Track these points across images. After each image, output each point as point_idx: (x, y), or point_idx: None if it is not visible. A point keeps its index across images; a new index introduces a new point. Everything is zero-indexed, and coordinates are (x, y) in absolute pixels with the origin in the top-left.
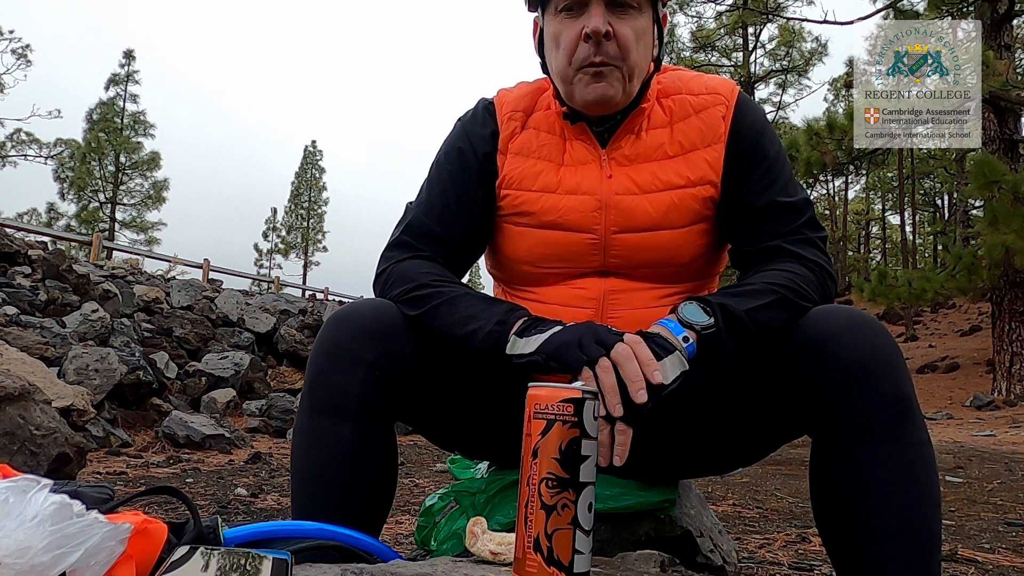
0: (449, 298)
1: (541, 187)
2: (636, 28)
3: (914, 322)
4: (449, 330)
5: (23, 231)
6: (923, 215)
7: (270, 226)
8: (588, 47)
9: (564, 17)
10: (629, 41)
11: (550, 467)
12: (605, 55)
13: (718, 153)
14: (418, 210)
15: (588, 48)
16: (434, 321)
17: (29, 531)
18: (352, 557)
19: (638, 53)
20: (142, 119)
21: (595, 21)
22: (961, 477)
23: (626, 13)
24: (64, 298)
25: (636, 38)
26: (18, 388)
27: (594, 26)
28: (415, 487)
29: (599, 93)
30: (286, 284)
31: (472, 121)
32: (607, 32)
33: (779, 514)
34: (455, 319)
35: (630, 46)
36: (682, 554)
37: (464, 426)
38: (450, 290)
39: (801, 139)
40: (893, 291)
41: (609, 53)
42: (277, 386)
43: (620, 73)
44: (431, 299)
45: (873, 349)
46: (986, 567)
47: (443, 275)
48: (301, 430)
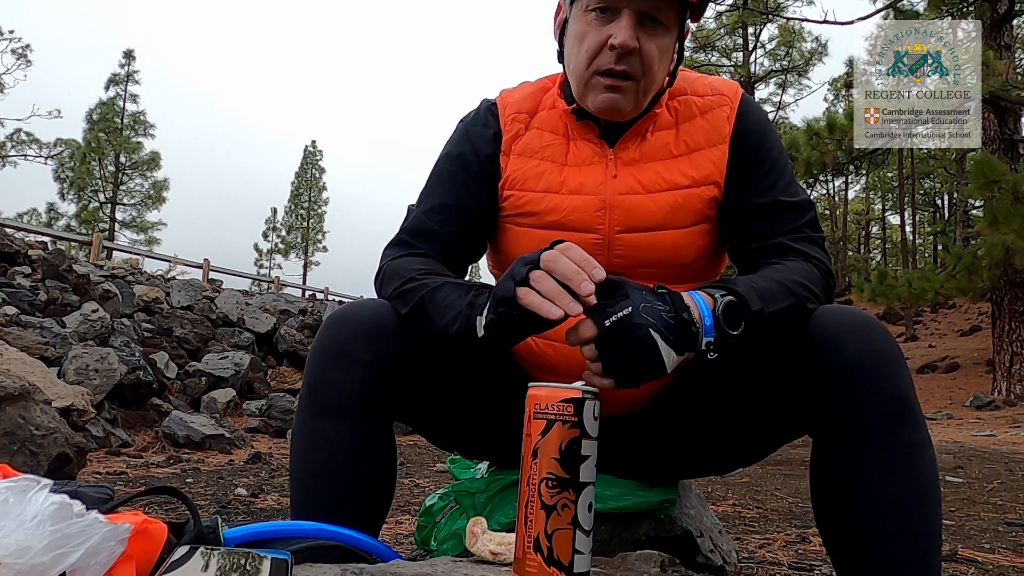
0: (430, 289)
1: (544, 187)
2: (661, 45)
3: (914, 322)
4: (431, 322)
5: (23, 231)
6: (923, 215)
7: (270, 226)
8: (611, 55)
9: (593, 17)
10: (653, 58)
11: (550, 467)
12: (627, 66)
13: (722, 153)
14: (418, 209)
15: (611, 56)
16: (419, 315)
17: (29, 531)
18: (352, 557)
19: (658, 71)
20: (142, 119)
21: (623, 35)
22: (961, 477)
23: (655, 30)
24: (64, 298)
25: (660, 55)
26: (18, 388)
27: (622, 40)
28: (415, 487)
29: (611, 103)
30: (286, 284)
31: (474, 122)
32: (634, 48)
33: (779, 514)
34: (436, 309)
35: (653, 63)
36: (682, 554)
37: (463, 426)
38: (432, 281)
39: (801, 139)
40: (893, 291)
41: (632, 66)
42: (277, 386)
43: (637, 87)
44: (416, 292)
45: (873, 349)
46: (986, 567)
47: (430, 269)
48: (300, 430)
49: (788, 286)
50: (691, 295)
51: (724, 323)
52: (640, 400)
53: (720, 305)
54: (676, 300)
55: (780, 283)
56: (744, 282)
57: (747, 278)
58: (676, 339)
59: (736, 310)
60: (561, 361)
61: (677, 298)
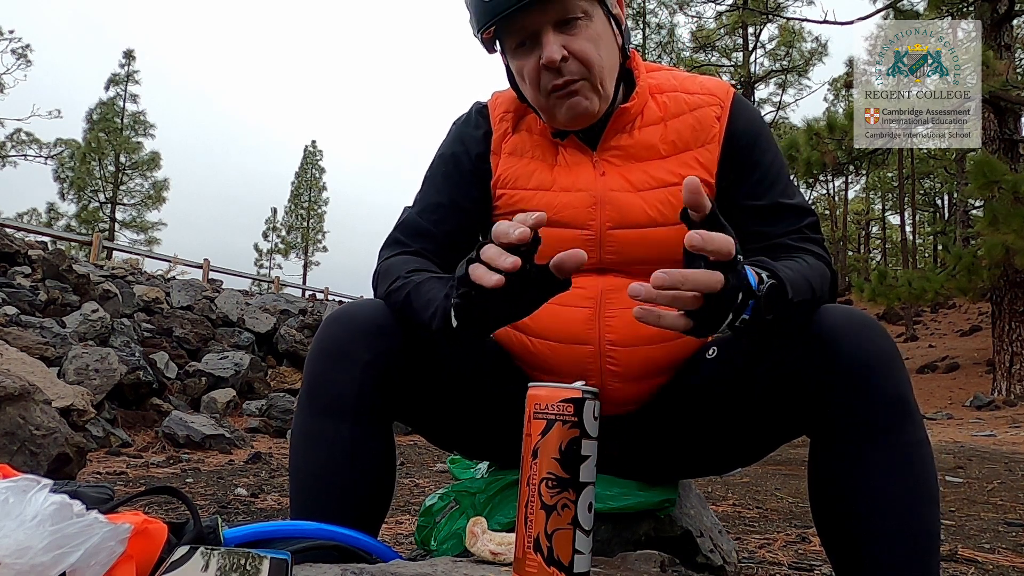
0: (415, 284)
1: (536, 185)
2: (591, 36)
3: (914, 322)
4: (418, 318)
5: (23, 231)
6: (923, 215)
7: (270, 226)
8: (550, 75)
9: (521, 53)
10: (589, 52)
11: (550, 467)
12: (569, 74)
13: (712, 154)
14: (412, 209)
15: (550, 76)
16: (407, 312)
17: (29, 531)
18: (352, 557)
19: (602, 57)
20: (142, 119)
21: (548, 51)
22: (961, 477)
23: (575, 28)
24: (64, 298)
25: (595, 45)
26: (18, 388)
27: (548, 56)
28: (415, 487)
29: (576, 111)
30: (286, 284)
31: (466, 123)
32: (564, 56)
33: (779, 514)
34: (420, 304)
35: (591, 57)
36: (682, 554)
37: (463, 426)
38: (418, 277)
39: (801, 139)
40: (893, 291)
41: (573, 71)
42: (277, 386)
43: (589, 83)
44: (403, 290)
45: (873, 349)
46: (986, 567)
47: (419, 266)
48: (299, 430)
49: (810, 281)
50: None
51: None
52: (640, 400)
53: (766, 287)
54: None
55: (804, 277)
56: (782, 268)
57: (781, 264)
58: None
59: (776, 296)
60: (558, 361)
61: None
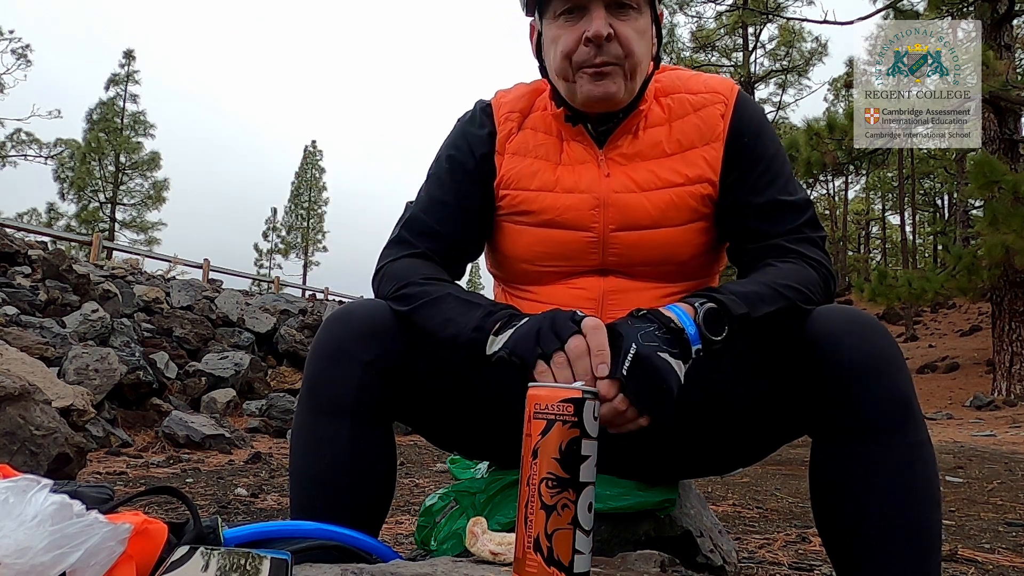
0: (433, 298)
1: (539, 186)
2: (637, 28)
3: (914, 322)
4: (433, 331)
5: (23, 231)
6: (923, 215)
7: (270, 226)
8: (589, 50)
9: (563, 21)
10: (632, 41)
11: (550, 467)
12: (608, 55)
13: (716, 152)
14: (417, 208)
15: (589, 51)
16: (419, 320)
17: (29, 531)
18: (352, 557)
19: (640, 52)
20: (142, 119)
21: (596, 25)
22: (961, 477)
23: (626, 14)
24: (64, 298)
25: (638, 36)
26: (18, 388)
27: (595, 30)
28: (415, 487)
29: (602, 91)
30: (286, 284)
31: (470, 122)
32: (609, 35)
33: (779, 514)
34: (438, 321)
35: (633, 46)
36: (682, 554)
37: (463, 426)
38: (435, 290)
39: (801, 139)
40: (893, 291)
41: (612, 53)
42: (277, 386)
43: (623, 71)
44: (417, 298)
45: (873, 349)
46: (986, 567)
47: (432, 274)
48: (299, 430)
49: (778, 289)
50: (669, 308)
51: (706, 329)
52: None
53: (701, 313)
54: (659, 316)
55: (770, 286)
56: (727, 289)
57: (733, 284)
58: (678, 350)
59: (718, 316)
60: None
61: (658, 315)
